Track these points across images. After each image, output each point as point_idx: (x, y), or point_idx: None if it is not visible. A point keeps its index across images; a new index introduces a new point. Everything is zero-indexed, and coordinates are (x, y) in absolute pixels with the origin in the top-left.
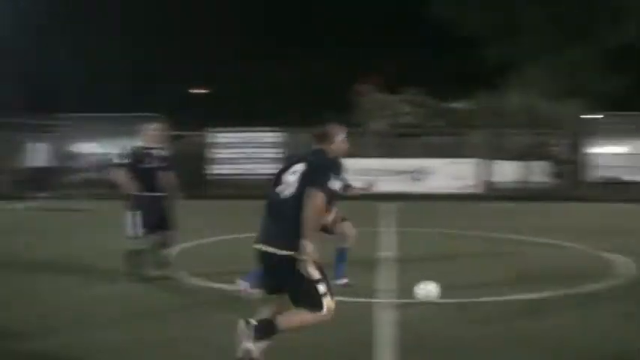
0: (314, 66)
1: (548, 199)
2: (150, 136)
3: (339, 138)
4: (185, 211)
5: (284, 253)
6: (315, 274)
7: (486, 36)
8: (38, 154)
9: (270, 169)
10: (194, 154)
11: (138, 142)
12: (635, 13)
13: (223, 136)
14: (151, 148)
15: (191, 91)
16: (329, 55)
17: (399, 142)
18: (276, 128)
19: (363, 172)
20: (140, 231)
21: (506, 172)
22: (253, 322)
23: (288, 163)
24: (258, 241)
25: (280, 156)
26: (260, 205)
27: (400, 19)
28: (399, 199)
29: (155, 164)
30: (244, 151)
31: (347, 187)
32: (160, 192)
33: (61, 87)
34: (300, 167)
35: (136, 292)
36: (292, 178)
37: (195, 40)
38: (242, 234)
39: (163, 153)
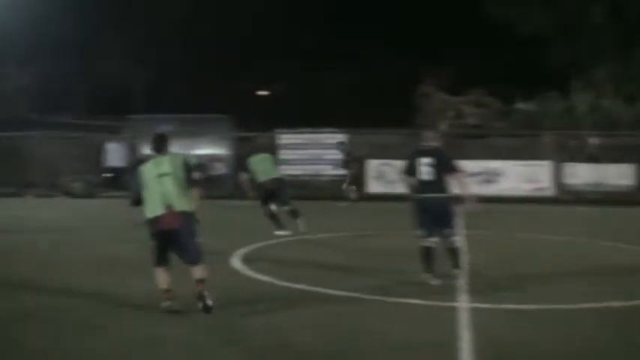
0: (375, 67)
1: (628, 204)
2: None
3: None
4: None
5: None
6: None
7: (548, 35)
8: (115, 155)
9: (333, 170)
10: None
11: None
12: None
13: (289, 138)
14: None
15: (257, 92)
16: (390, 57)
17: (462, 143)
18: (340, 129)
19: None
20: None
21: (580, 174)
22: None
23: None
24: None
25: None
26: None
27: (459, 18)
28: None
29: None
30: (309, 153)
31: None
32: None
33: (130, 89)
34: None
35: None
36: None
37: (259, 41)
38: (304, 236)
39: None
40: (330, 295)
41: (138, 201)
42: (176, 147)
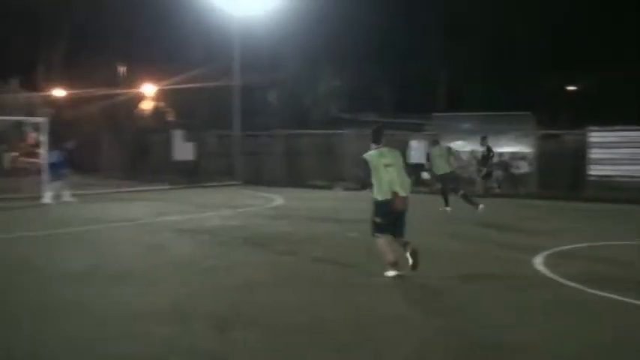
0: None
1: None
2: None
3: None
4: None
5: None
6: None
7: None
8: (417, 152)
9: None
10: (571, 153)
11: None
12: None
13: (602, 136)
14: None
15: (566, 88)
16: None
17: None
18: None
19: None
20: None
21: None
22: None
23: None
24: None
25: None
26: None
27: None
28: None
29: None
30: (625, 152)
31: None
32: None
33: (434, 88)
34: None
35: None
36: None
37: (569, 32)
38: (615, 241)
39: None
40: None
41: (365, 185)
42: (477, 144)
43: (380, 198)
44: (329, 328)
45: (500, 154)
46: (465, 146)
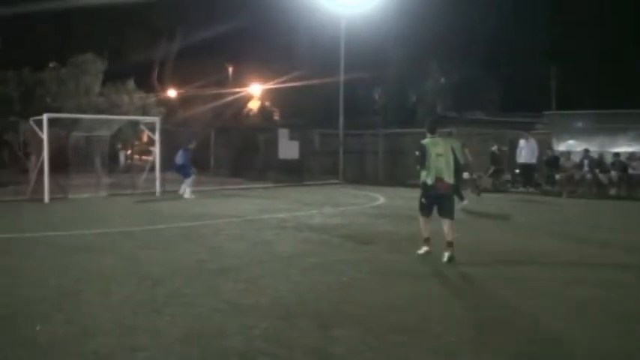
0: None
1: None
2: None
3: None
4: None
5: None
6: None
7: None
8: (525, 151)
9: None
10: None
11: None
12: None
13: None
14: None
15: None
16: None
17: None
18: None
19: None
20: None
21: None
22: None
23: None
24: None
25: None
26: None
27: None
28: None
29: None
30: None
31: None
32: None
33: (544, 85)
34: None
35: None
36: None
37: None
38: None
39: None
40: None
41: (421, 167)
42: (591, 144)
43: (426, 181)
44: (432, 328)
45: (617, 154)
46: (577, 146)
